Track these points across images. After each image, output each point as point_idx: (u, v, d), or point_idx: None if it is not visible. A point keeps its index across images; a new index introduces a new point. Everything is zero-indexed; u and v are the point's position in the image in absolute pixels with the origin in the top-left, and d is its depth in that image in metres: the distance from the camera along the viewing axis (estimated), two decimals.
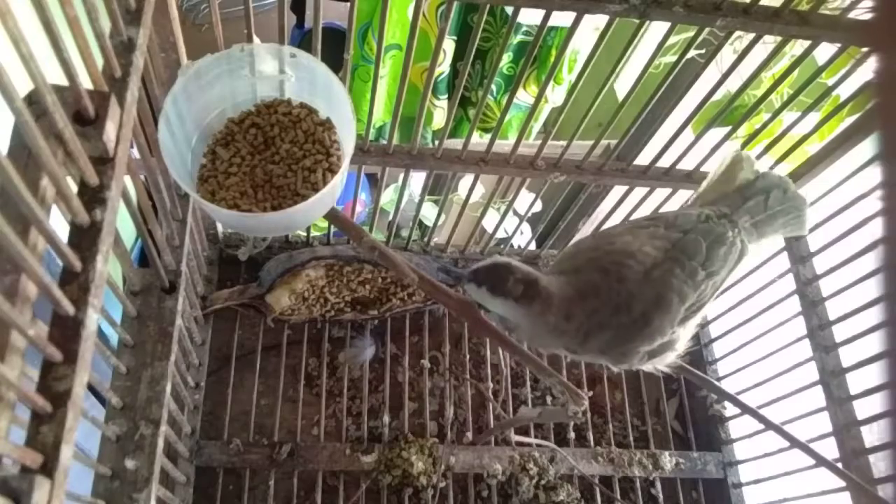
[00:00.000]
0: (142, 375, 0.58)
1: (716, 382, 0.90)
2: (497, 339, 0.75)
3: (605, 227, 0.99)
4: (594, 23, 0.67)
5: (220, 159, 0.64)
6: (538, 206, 1.00)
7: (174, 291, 0.63)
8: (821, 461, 0.73)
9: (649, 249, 0.63)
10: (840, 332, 0.83)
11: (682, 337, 0.66)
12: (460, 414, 0.97)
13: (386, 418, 0.93)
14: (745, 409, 0.80)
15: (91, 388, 0.45)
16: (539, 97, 0.77)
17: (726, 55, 0.73)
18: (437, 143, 0.83)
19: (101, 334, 0.43)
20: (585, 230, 1.06)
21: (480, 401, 0.99)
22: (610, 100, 0.87)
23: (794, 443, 0.75)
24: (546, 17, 0.65)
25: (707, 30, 0.68)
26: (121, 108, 0.43)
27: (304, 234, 1.01)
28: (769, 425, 0.77)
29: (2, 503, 0.31)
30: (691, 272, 0.62)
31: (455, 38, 1.39)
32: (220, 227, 0.97)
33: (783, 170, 0.91)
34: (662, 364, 0.68)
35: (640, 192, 0.92)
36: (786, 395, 0.85)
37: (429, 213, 1.49)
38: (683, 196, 0.93)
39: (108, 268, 0.41)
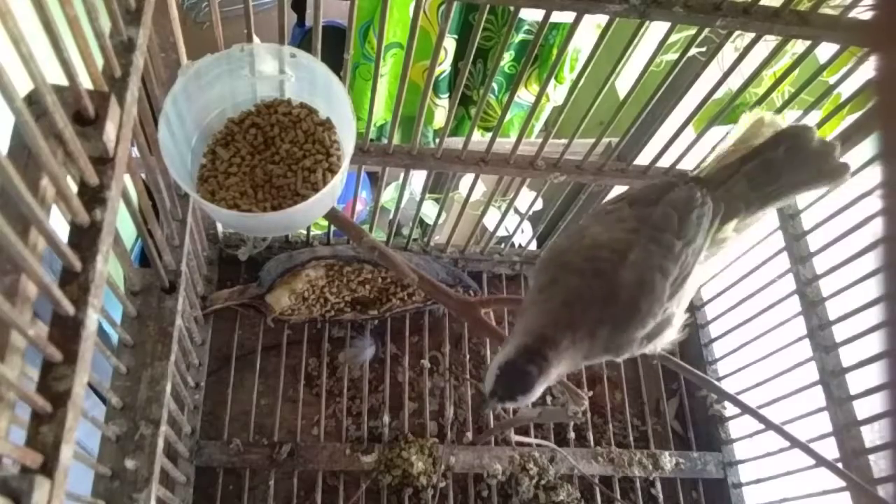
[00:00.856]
0: (142, 375, 0.58)
1: (716, 382, 0.90)
2: (497, 338, 0.75)
3: None
4: (595, 20, 0.67)
5: (220, 159, 0.64)
6: (539, 205, 1.00)
7: (174, 291, 0.63)
8: (821, 461, 0.73)
9: (621, 234, 0.60)
10: (840, 332, 0.83)
11: (678, 312, 0.64)
12: (460, 414, 0.97)
13: (386, 418, 0.93)
14: (745, 409, 0.80)
15: (91, 388, 0.45)
16: (540, 96, 0.77)
17: (727, 53, 0.73)
18: (437, 141, 0.83)
19: (101, 334, 0.43)
20: None
21: (480, 401, 0.99)
22: (611, 98, 0.87)
23: (795, 442, 0.74)
24: (546, 17, 0.65)
25: (708, 29, 0.68)
26: (121, 108, 0.43)
27: (304, 233, 1.01)
28: (769, 425, 0.77)
29: (2, 503, 0.31)
30: (668, 245, 0.60)
31: (456, 36, 1.39)
32: (220, 227, 0.97)
33: None
34: (663, 343, 0.66)
35: None
36: (786, 395, 0.85)
37: (429, 211, 1.49)
38: None
39: (108, 268, 0.41)
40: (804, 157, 0.64)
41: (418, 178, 1.47)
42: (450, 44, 1.38)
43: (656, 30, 0.75)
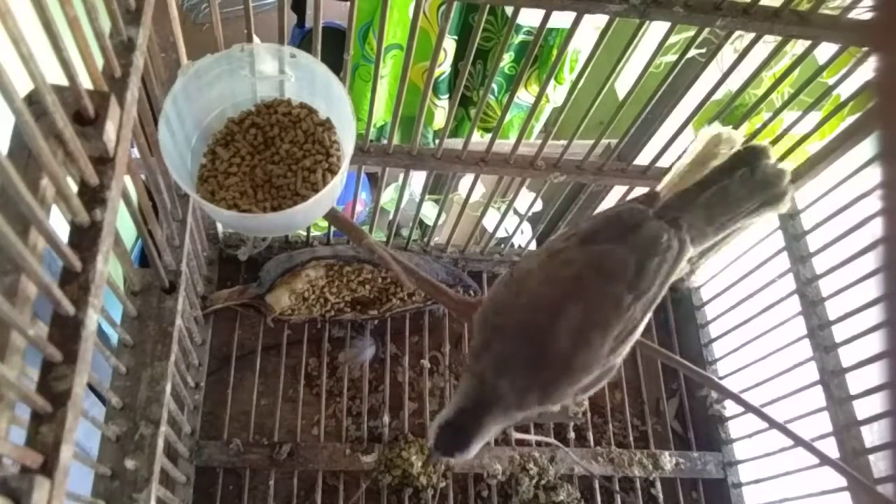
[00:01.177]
0: (142, 375, 0.58)
1: (718, 380, 0.89)
2: None
3: None
4: (595, 22, 0.67)
5: (220, 159, 0.64)
6: (538, 206, 1.00)
7: (174, 291, 0.63)
8: (824, 459, 0.72)
9: (563, 286, 0.56)
10: (840, 332, 0.83)
11: (616, 363, 0.61)
12: None
13: (386, 418, 0.93)
14: (749, 408, 0.80)
15: (91, 388, 0.45)
16: (540, 97, 0.77)
17: (727, 54, 0.73)
18: (437, 142, 0.83)
19: (101, 334, 0.43)
20: None
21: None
22: (610, 99, 0.87)
23: (798, 441, 0.74)
24: (546, 17, 0.65)
25: (707, 29, 0.68)
26: (121, 108, 0.43)
27: (304, 234, 1.01)
28: (772, 423, 0.76)
29: (2, 503, 0.31)
30: (615, 299, 0.55)
31: (456, 37, 1.39)
32: (220, 227, 0.97)
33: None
34: (599, 388, 0.65)
35: (640, 191, 0.92)
36: (786, 395, 0.85)
37: (429, 212, 1.49)
38: None
39: (108, 268, 0.41)
40: (758, 182, 0.60)
41: (418, 179, 1.47)
42: (449, 45, 1.38)
43: (655, 31, 0.75)
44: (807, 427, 0.81)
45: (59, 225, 0.37)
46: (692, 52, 0.71)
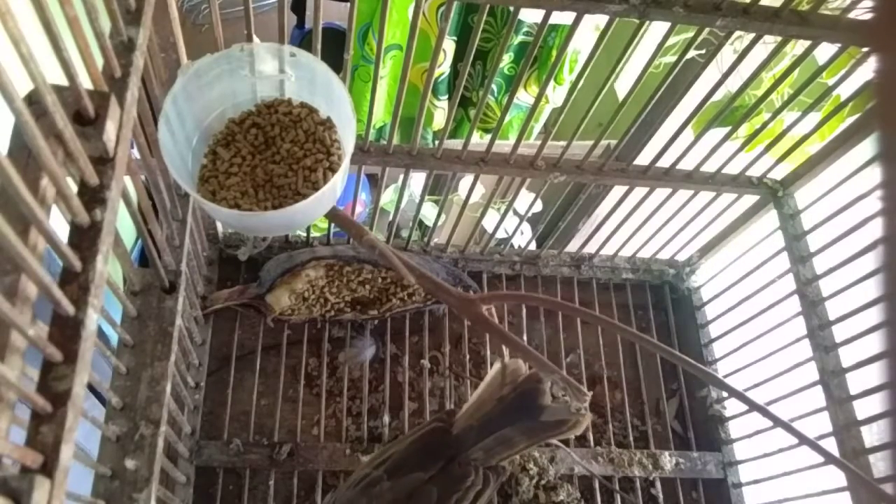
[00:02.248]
0: (142, 375, 0.58)
1: (723, 379, 0.89)
2: (499, 335, 0.75)
3: (601, 229, 0.99)
4: (595, 22, 0.67)
5: (221, 159, 0.64)
6: (538, 206, 1.00)
7: (174, 291, 0.63)
8: (830, 458, 0.72)
9: None
10: (840, 332, 0.83)
11: None
12: None
13: (386, 418, 0.93)
14: (753, 406, 0.79)
15: (91, 389, 0.45)
16: (539, 97, 0.77)
17: (726, 55, 0.73)
18: (437, 143, 0.83)
19: (101, 334, 0.43)
20: (585, 231, 1.06)
21: None
22: (610, 100, 0.87)
23: (802, 439, 0.74)
24: (546, 18, 0.65)
25: (707, 30, 0.68)
26: (121, 108, 0.43)
27: (304, 234, 1.01)
28: (778, 422, 0.76)
29: (2, 503, 0.31)
30: None
31: (455, 38, 1.39)
32: (220, 227, 0.98)
33: (783, 170, 0.91)
34: None
35: (640, 192, 0.92)
36: (786, 395, 0.85)
37: (429, 213, 1.49)
38: (684, 196, 0.93)
39: (108, 268, 0.41)
40: (536, 429, 0.71)
41: (417, 179, 1.47)
42: (449, 45, 1.38)
43: (655, 32, 0.75)
44: (807, 427, 0.81)
45: (59, 225, 0.37)
46: (691, 53, 0.71)
